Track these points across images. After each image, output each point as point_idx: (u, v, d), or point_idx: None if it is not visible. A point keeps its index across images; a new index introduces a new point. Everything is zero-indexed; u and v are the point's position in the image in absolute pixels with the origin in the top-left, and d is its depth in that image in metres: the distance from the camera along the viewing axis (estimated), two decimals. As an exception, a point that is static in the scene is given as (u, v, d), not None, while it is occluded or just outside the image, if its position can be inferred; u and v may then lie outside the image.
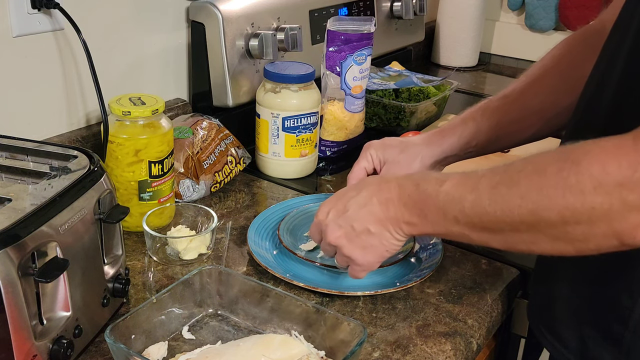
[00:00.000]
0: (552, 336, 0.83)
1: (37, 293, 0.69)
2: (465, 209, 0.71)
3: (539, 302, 0.87)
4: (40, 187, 0.74)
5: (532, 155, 0.68)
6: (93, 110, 1.16)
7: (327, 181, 1.28)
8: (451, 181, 0.73)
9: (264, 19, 1.32)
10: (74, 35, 1.03)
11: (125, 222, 0.98)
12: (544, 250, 0.68)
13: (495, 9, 2.09)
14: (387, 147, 0.99)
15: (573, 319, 0.79)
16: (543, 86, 0.97)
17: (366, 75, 1.33)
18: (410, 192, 0.77)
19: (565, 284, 0.80)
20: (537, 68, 0.99)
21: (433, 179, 0.75)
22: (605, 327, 0.76)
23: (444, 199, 0.73)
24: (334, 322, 0.79)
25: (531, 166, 0.66)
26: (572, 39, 0.99)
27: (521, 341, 1.05)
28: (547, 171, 0.64)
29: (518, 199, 0.66)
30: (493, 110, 0.99)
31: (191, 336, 0.83)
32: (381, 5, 1.70)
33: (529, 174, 0.66)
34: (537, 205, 0.65)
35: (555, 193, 0.63)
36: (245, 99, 1.32)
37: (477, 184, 0.70)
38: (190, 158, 1.12)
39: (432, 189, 0.74)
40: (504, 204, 0.67)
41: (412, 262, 0.99)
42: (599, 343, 0.76)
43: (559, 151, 0.66)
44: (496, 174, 0.69)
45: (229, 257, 1.00)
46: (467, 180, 0.72)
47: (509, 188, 0.67)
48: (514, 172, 0.67)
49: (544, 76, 0.98)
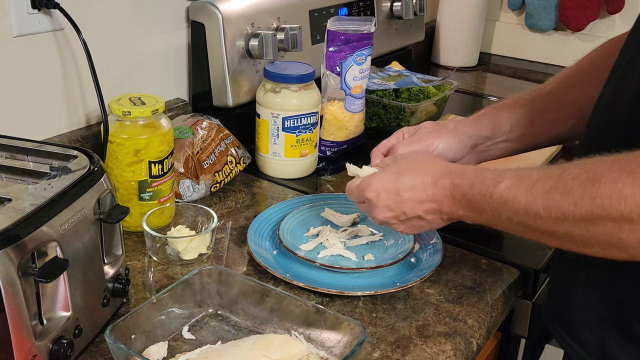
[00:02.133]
0: (570, 337, 0.82)
1: (37, 293, 0.69)
2: (519, 211, 0.72)
3: (557, 303, 0.87)
4: (40, 187, 0.74)
5: (586, 162, 0.68)
6: (93, 110, 1.16)
7: (327, 181, 1.28)
8: (505, 182, 0.74)
9: (264, 19, 1.32)
10: (74, 35, 1.03)
11: (125, 222, 0.98)
12: (596, 254, 0.69)
13: (495, 9, 2.09)
14: (421, 125, 1.00)
15: (593, 320, 0.79)
16: (579, 81, 0.97)
17: (366, 75, 1.33)
18: (465, 192, 0.79)
19: (584, 285, 0.80)
20: (573, 67, 1.00)
21: (489, 180, 0.76)
22: (626, 328, 0.75)
23: (498, 200, 0.74)
24: (334, 322, 0.79)
25: (586, 174, 0.67)
26: (609, 42, 0.99)
27: (521, 341, 1.05)
28: (601, 181, 0.65)
29: (572, 205, 0.67)
30: (526, 100, 1.00)
31: (191, 336, 0.83)
32: (381, 5, 1.70)
33: (583, 181, 0.66)
34: (591, 214, 0.65)
35: (609, 203, 0.64)
36: (245, 99, 1.32)
37: (531, 188, 0.71)
38: (190, 158, 1.12)
39: (486, 190, 0.76)
40: (558, 210, 0.68)
41: (412, 262, 0.99)
42: (620, 344, 0.76)
43: (614, 160, 0.66)
44: (550, 177, 0.70)
45: (229, 257, 1.00)
46: (521, 182, 0.73)
47: (563, 194, 0.68)
48: (569, 178, 0.68)
49: (579, 72, 0.98)
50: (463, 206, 0.80)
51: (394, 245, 1.01)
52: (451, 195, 0.81)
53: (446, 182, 0.81)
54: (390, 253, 0.99)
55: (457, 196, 0.80)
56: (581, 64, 1.00)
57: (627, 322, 0.75)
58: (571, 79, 0.99)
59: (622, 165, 0.64)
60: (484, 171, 0.79)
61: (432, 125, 1.00)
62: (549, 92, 0.99)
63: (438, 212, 0.83)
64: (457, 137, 0.98)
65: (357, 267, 0.96)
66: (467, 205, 0.79)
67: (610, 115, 0.77)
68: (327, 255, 0.99)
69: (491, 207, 0.75)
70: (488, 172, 0.78)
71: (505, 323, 1.02)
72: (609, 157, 0.67)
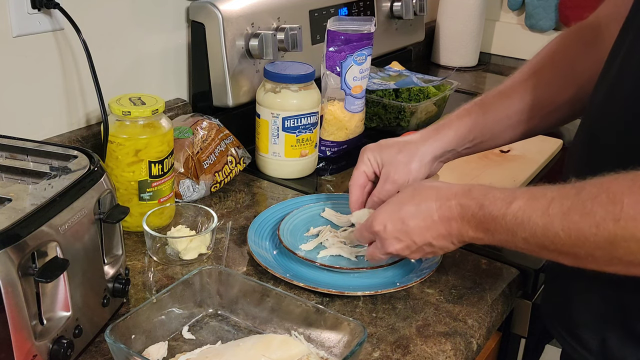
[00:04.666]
0: (571, 338, 0.82)
1: (37, 293, 0.69)
2: (536, 233, 0.70)
3: (556, 303, 0.86)
4: (40, 187, 0.74)
5: (603, 181, 0.67)
6: (93, 110, 1.16)
7: (327, 181, 1.28)
8: (518, 202, 0.72)
9: (264, 19, 1.32)
10: (74, 35, 1.03)
11: (125, 222, 0.98)
12: (618, 272, 0.68)
13: (495, 9, 2.09)
14: (384, 148, 0.98)
15: (594, 320, 0.79)
16: (538, 81, 0.96)
17: (366, 75, 1.33)
18: (474, 213, 0.76)
19: (585, 283, 0.79)
20: (531, 64, 0.99)
21: (499, 200, 0.74)
22: (628, 327, 0.75)
23: (512, 222, 0.72)
24: (334, 322, 0.79)
25: (604, 194, 0.65)
26: (567, 34, 0.98)
27: (521, 341, 1.05)
28: (624, 202, 0.63)
29: (593, 227, 0.65)
30: (489, 105, 0.98)
31: (191, 336, 0.83)
32: (381, 5, 1.70)
33: (603, 202, 0.65)
34: (615, 235, 0.64)
35: (634, 225, 0.63)
36: (245, 99, 1.32)
37: (547, 208, 0.69)
38: (190, 158, 1.12)
39: (497, 211, 0.74)
40: (579, 232, 0.67)
41: (412, 262, 0.98)
42: (621, 343, 0.76)
43: (633, 179, 0.65)
44: (566, 197, 0.68)
45: (229, 257, 1.00)
46: (535, 202, 0.71)
47: (583, 216, 0.66)
48: (587, 199, 0.66)
49: (539, 71, 0.97)
50: (473, 227, 0.77)
51: (394, 245, 1.01)
52: (459, 216, 0.78)
53: (452, 204, 0.79)
54: (390, 253, 0.99)
55: (467, 217, 0.77)
56: (539, 61, 0.98)
57: (629, 321, 0.75)
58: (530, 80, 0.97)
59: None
60: (492, 190, 0.76)
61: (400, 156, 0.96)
62: (509, 96, 0.97)
63: (447, 236, 0.80)
64: (421, 162, 0.96)
65: (357, 267, 0.96)
66: (477, 226, 0.77)
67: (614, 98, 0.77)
68: (327, 255, 0.99)
69: (505, 229, 0.73)
70: (497, 192, 0.75)
71: (505, 323, 1.02)
72: (625, 175, 0.66)
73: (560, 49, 0.98)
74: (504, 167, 1.29)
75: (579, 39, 0.96)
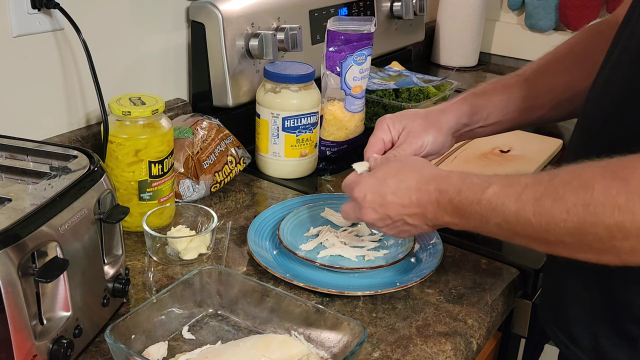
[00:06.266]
0: (564, 335, 0.82)
1: (37, 293, 0.69)
2: (508, 218, 0.71)
3: (550, 301, 0.87)
4: (40, 187, 0.74)
5: (576, 167, 0.67)
6: (93, 110, 1.16)
7: (327, 181, 1.28)
8: (493, 188, 0.73)
9: (264, 19, 1.32)
10: (74, 35, 1.03)
11: (125, 222, 0.98)
12: (588, 259, 0.68)
13: (495, 9, 2.09)
14: (404, 116, 0.99)
15: (587, 318, 0.79)
16: (557, 68, 0.98)
17: (366, 75, 1.33)
18: (451, 198, 0.77)
19: (578, 282, 0.80)
20: (552, 53, 1.01)
21: (476, 185, 0.75)
22: (620, 326, 0.75)
23: (486, 207, 0.73)
24: (334, 322, 0.79)
25: (576, 180, 0.66)
26: (588, 29, 1.00)
27: (521, 341, 1.05)
28: (594, 188, 0.64)
29: (564, 213, 0.66)
30: (505, 86, 1.00)
31: (191, 336, 0.83)
32: (381, 5, 1.70)
33: (575, 188, 0.65)
34: (584, 221, 0.64)
35: (603, 211, 0.63)
36: (245, 99, 1.32)
37: (521, 194, 0.70)
38: (190, 158, 1.12)
39: (473, 196, 0.74)
40: (549, 217, 0.67)
41: (412, 262, 0.99)
42: (614, 342, 0.76)
43: (605, 166, 0.65)
44: (540, 184, 0.69)
45: (229, 257, 1.00)
46: (509, 188, 0.71)
47: (554, 201, 0.67)
48: (559, 185, 0.67)
49: (558, 59, 0.99)
50: (449, 212, 0.78)
51: (394, 245, 1.01)
52: (436, 201, 0.79)
53: (431, 188, 0.80)
54: (390, 253, 0.99)
55: (443, 202, 0.78)
56: (560, 50, 1.01)
57: (619, 320, 0.75)
58: (549, 66, 1.00)
59: (615, 171, 0.63)
60: (470, 176, 0.77)
61: (418, 122, 0.98)
62: (526, 79, 0.99)
63: (422, 217, 0.82)
64: (440, 130, 0.98)
65: (357, 267, 0.96)
66: (453, 211, 0.77)
67: (606, 95, 0.78)
68: (327, 255, 0.99)
69: (479, 214, 0.74)
70: (475, 178, 0.76)
71: (505, 323, 1.02)
72: (598, 162, 0.66)
73: (580, 42, 1.00)
74: (504, 167, 1.29)
75: (598, 34, 0.97)
